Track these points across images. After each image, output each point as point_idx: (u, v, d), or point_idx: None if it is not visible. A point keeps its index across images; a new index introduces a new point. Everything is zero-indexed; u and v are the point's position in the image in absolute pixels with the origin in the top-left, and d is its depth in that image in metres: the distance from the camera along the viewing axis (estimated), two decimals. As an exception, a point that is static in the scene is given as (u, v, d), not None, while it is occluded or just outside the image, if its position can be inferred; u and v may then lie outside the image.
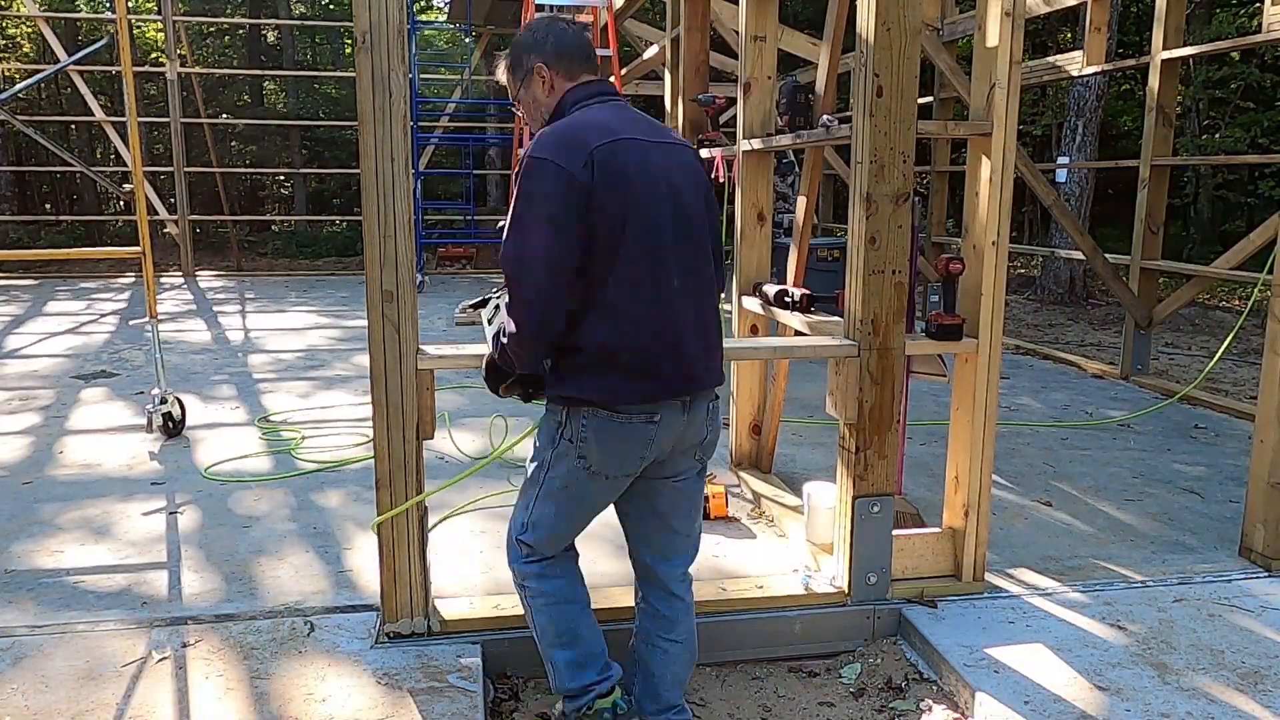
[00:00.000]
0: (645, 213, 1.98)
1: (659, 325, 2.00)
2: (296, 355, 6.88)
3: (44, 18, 11.83)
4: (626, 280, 1.97)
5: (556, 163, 1.93)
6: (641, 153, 2.00)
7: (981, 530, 2.92)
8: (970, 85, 2.88)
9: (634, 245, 1.96)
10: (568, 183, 1.92)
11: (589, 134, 1.97)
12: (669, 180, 2.04)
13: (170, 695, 2.35)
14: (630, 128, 2.03)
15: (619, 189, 1.95)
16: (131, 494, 3.89)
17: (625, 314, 1.98)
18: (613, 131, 1.99)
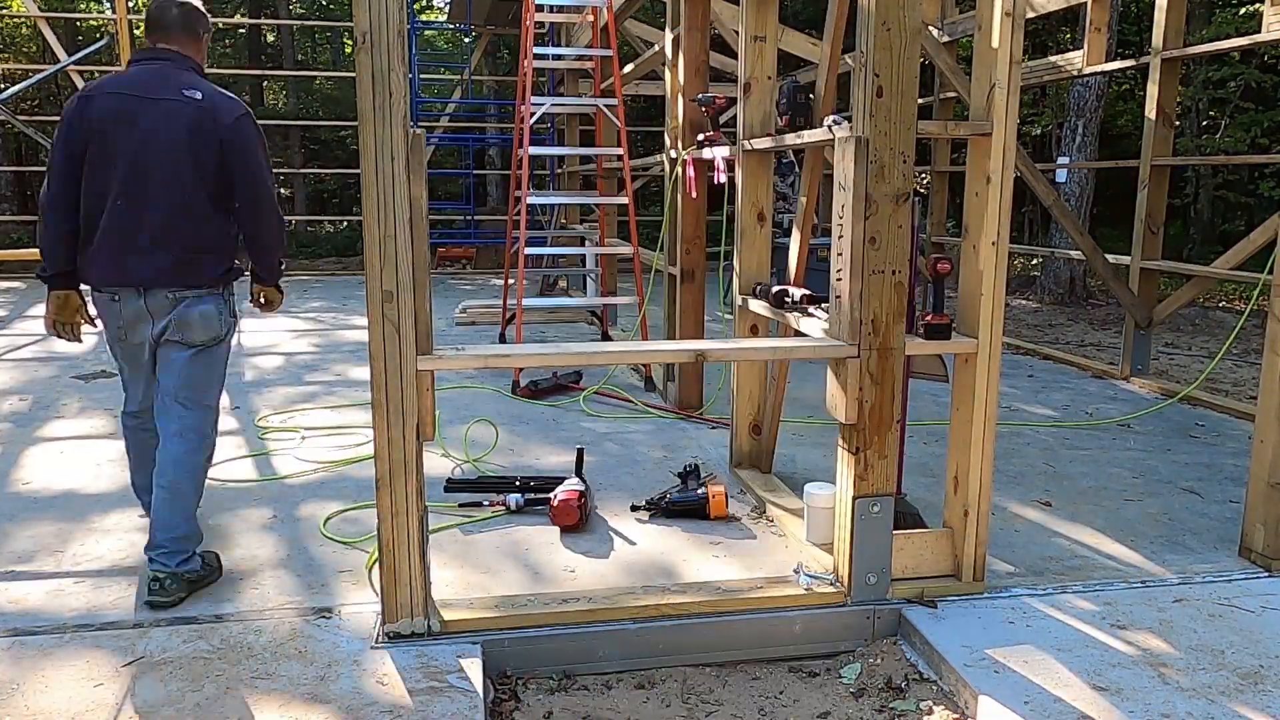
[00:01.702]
0: (105, 146, 2.81)
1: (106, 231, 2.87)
2: (296, 356, 6.88)
3: (44, 17, 11.82)
4: (90, 193, 2.86)
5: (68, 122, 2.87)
6: (120, 103, 2.83)
7: (981, 530, 2.92)
8: (970, 85, 2.88)
9: (93, 169, 2.84)
10: (68, 120, 2.86)
11: (94, 100, 2.86)
12: (141, 126, 2.82)
13: (170, 695, 2.35)
14: (123, 87, 2.86)
15: (91, 129, 2.83)
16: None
17: (90, 218, 2.89)
18: (110, 95, 2.85)
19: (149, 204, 2.83)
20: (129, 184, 2.82)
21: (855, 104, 2.73)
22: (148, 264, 2.87)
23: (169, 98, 2.84)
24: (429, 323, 2.56)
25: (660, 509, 3.62)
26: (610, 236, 7.83)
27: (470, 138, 14.47)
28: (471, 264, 13.73)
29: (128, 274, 2.89)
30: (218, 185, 2.89)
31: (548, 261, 8.85)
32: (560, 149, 8.42)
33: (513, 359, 3.47)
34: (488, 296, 9.87)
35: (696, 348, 2.83)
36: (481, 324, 8.07)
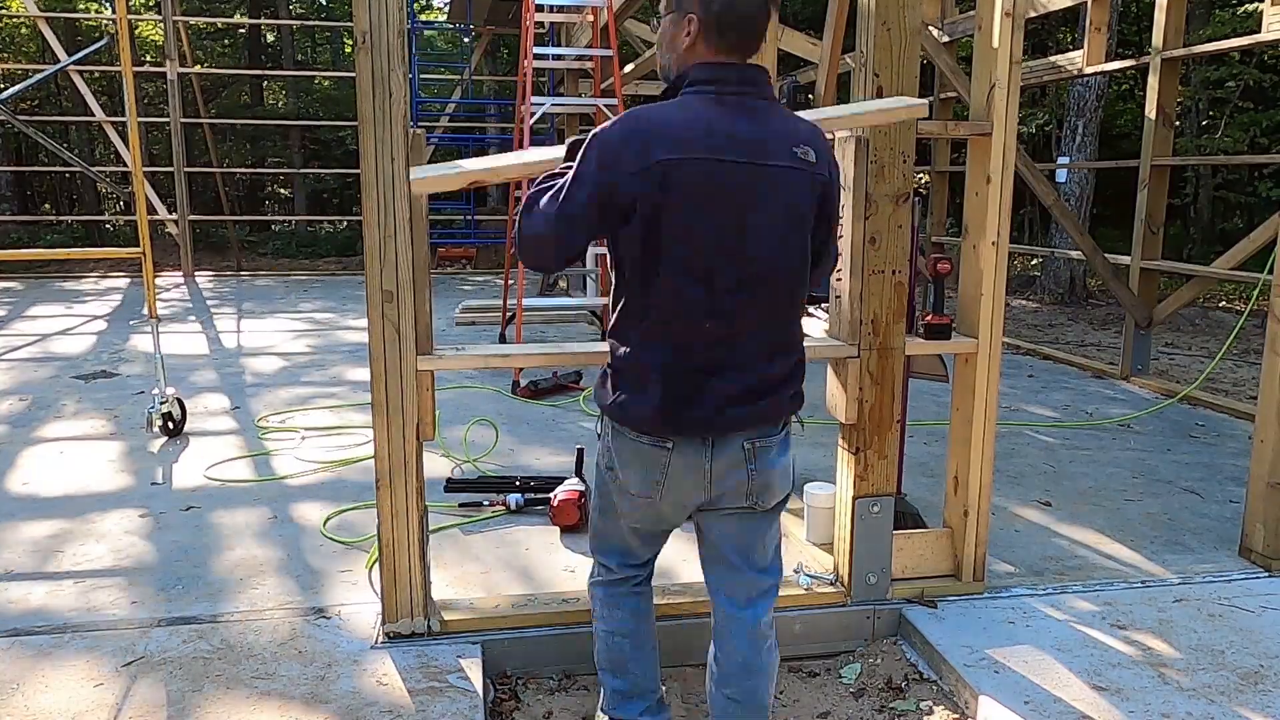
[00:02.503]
0: (693, 239, 1.78)
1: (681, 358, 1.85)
2: (296, 356, 6.88)
3: (44, 17, 11.82)
4: (656, 306, 1.84)
5: (602, 163, 1.79)
6: (711, 173, 1.77)
7: (981, 530, 2.92)
8: (970, 85, 2.88)
9: (669, 270, 1.80)
10: (609, 186, 1.78)
11: (661, 142, 1.76)
12: (741, 205, 1.79)
13: (170, 695, 2.35)
14: (719, 144, 1.77)
15: (667, 207, 1.76)
16: (131, 494, 3.89)
17: (651, 336, 1.86)
18: (692, 145, 1.76)
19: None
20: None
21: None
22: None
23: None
24: (429, 323, 2.56)
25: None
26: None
27: (470, 138, 14.46)
28: (471, 264, 13.72)
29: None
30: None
31: (548, 261, 8.82)
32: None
33: (513, 359, 3.46)
34: (488, 296, 9.86)
35: (696, 348, 2.82)
36: (481, 324, 8.06)
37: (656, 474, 1.92)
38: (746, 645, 2.06)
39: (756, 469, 1.93)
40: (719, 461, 1.90)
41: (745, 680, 2.06)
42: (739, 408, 1.87)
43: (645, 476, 1.93)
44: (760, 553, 2.05)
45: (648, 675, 2.23)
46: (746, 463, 1.92)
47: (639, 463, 1.93)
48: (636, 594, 2.22)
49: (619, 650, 2.21)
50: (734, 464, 1.91)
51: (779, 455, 1.97)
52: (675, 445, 1.88)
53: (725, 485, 1.93)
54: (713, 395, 1.85)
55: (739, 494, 1.94)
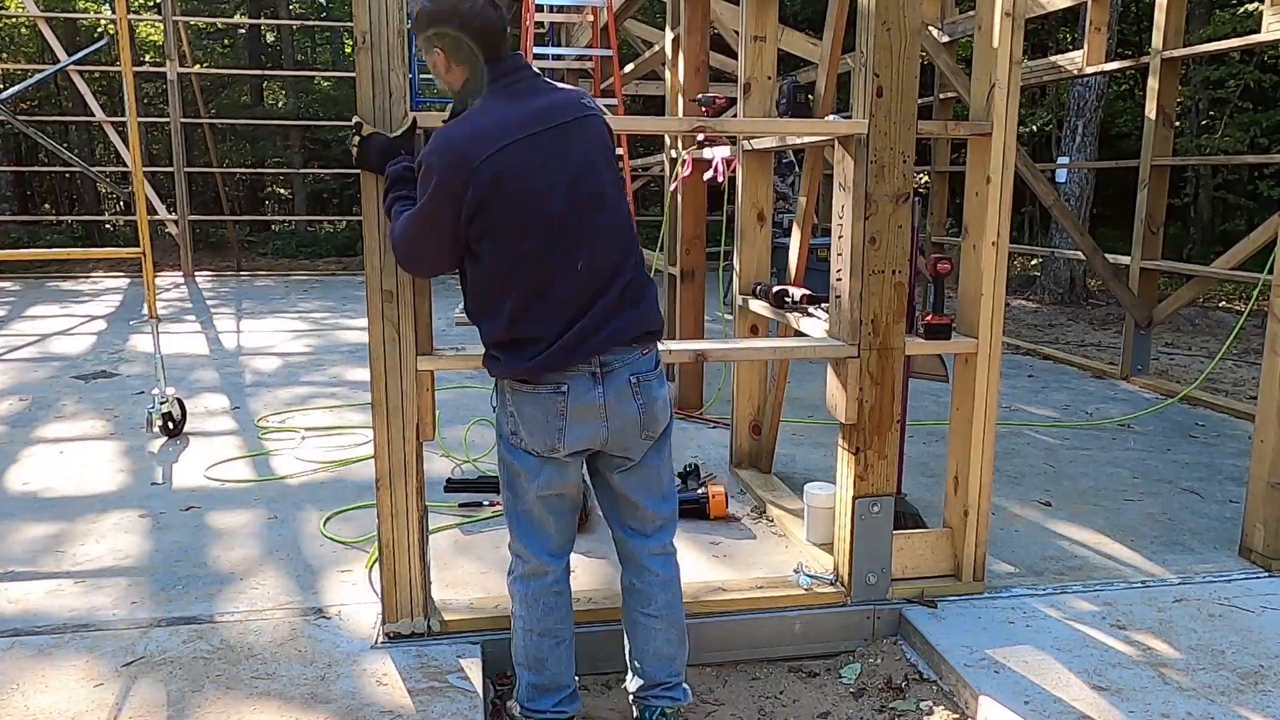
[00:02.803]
0: (537, 211, 2.04)
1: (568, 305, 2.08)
2: (295, 356, 6.88)
3: (44, 17, 11.82)
4: (524, 273, 2.07)
5: (441, 178, 2.03)
6: (535, 148, 2.04)
7: (981, 530, 2.92)
8: (970, 85, 2.88)
9: (531, 239, 2.05)
10: (453, 196, 2.03)
11: (478, 144, 2.02)
12: (563, 166, 2.06)
13: (170, 695, 2.34)
14: (520, 123, 2.04)
15: (508, 198, 2.03)
16: (131, 494, 3.89)
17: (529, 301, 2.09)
18: (505, 132, 2.02)
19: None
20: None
21: (855, 104, 2.73)
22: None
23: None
24: (429, 323, 2.56)
25: (660, 509, 3.61)
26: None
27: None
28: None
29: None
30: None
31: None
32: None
33: (513, 359, 3.46)
34: (488, 296, 9.84)
35: (696, 348, 2.83)
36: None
37: (557, 422, 2.11)
38: (662, 564, 2.33)
39: (644, 402, 2.15)
40: (610, 396, 2.11)
41: (663, 594, 2.31)
42: (611, 324, 2.08)
43: (546, 427, 2.13)
44: (657, 487, 2.29)
45: (563, 670, 2.33)
46: (634, 397, 2.13)
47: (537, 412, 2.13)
48: (555, 593, 2.31)
49: (537, 648, 2.31)
50: (623, 398, 2.12)
51: (658, 387, 2.19)
52: (569, 389, 2.09)
53: (620, 422, 2.13)
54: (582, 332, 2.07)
55: (634, 430, 2.16)
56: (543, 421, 2.12)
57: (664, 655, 2.34)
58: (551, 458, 2.16)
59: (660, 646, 2.33)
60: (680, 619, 2.36)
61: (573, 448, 2.14)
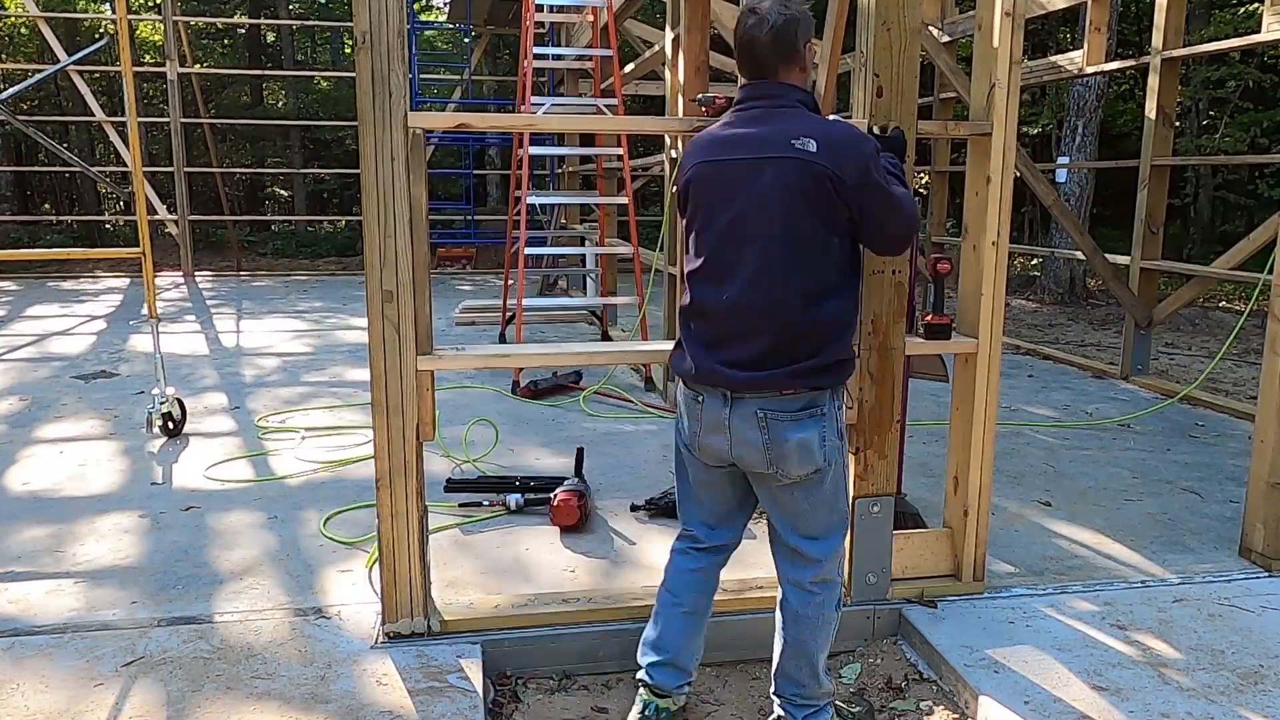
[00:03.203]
0: (705, 224, 2.18)
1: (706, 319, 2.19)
2: (295, 356, 6.88)
3: (44, 18, 11.82)
4: (692, 279, 2.22)
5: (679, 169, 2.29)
6: (720, 172, 2.17)
7: (981, 530, 2.92)
8: (970, 85, 2.88)
9: (701, 244, 2.20)
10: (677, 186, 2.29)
11: (691, 152, 2.24)
12: (742, 196, 2.13)
13: (170, 695, 2.35)
14: (727, 147, 2.16)
15: (695, 198, 2.20)
16: (131, 494, 3.90)
17: (689, 304, 2.23)
18: (709, 150, 2.20)
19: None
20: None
21: (855, 104, 2.73)
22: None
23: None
24: (429, 323, 2.56)
25: (660, 509, 3.62)
26: (610, 236, 7.83)
27: (470, 138, 14.46)
28: (471, 264, 13.72)
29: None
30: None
31: (548, 261, 8.85)
32: (560, 149, 8.42)
33: (513, 359, 3.47)
34: (488, 296, 9.87)
35: (696, 348, 2.82)
36: (481, 324, 8.06)
37: (694, 424, 2.24)
38: (794, 596, 2.33)
39: (770, 438, 2.14)
40: (735, 419, 2.16)
41: (793, 624, 2.32)
42: (742, 372, 2.13)
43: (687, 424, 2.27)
44: (802, 524, 2.30)
45: (673, 634, 2.38)
46: (760, 429, 2.14)
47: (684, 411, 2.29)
48: (690, 556, 2.42)
49: (662, 602, 2.41)
50: (749, 426, 2.15)
51: (793, 430, 2.14)
52: (704, 399, 2.20)
53: (744, 447, 2.18)
54: (721, 359, 2.15)
55: (762, 461, 2.18)
56: (686, 418, 2.27)
57: (790, 677, 2.35)
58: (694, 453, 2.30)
59: (788, 668, 2.35)
60: (813, 659, 2.32)
61: (705, 450, 2.25)
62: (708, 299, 2.17)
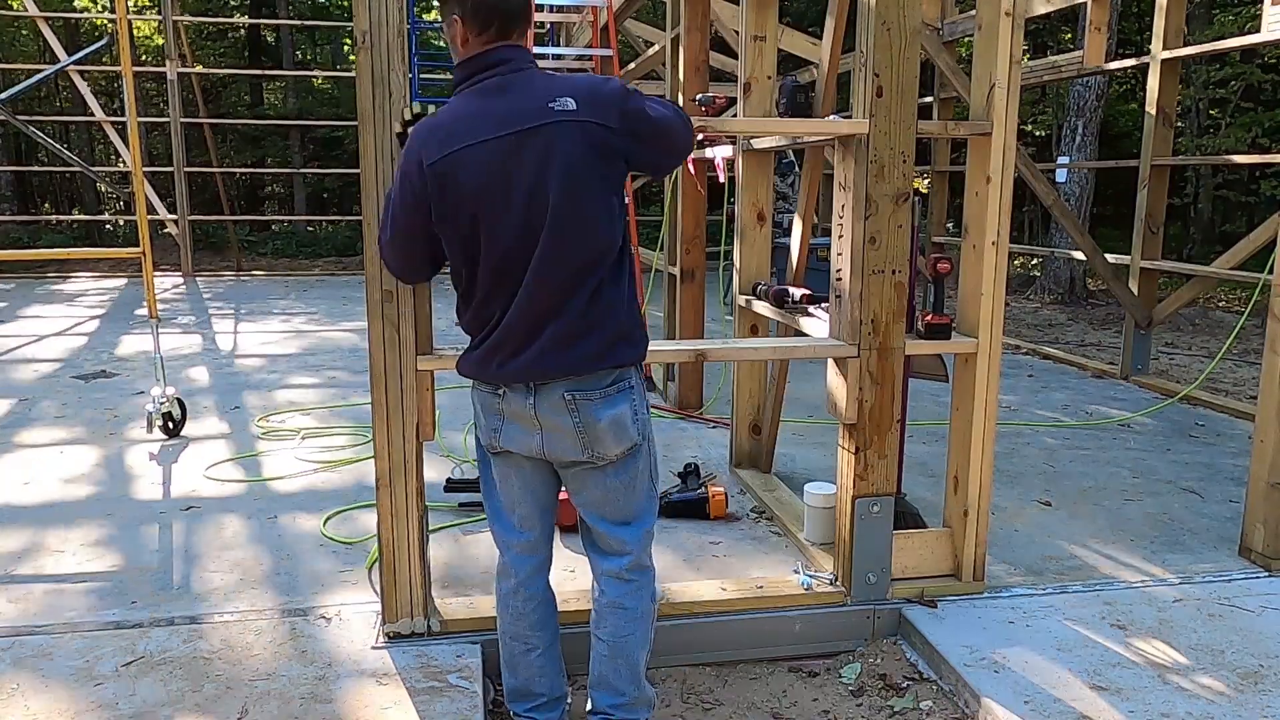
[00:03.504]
0: (486, 221, 1.95)
1: (504, 317, 2.03)
2: (295, 356, 6.88)
3: (44, 17, 11.81)
4: (476, 279, 2.03)
5: (405, 172, 2.01)
6: (482, 155, 1.92)
7: (981, 530, 2.92)
8: (970, 85, 2.88)
9: (479, 252, 1.99)
10: (413, 191, 2.00)
11: (431, 145, 1.96)
12: (519, 177, 1.92)
13: (170, 695, 2.34)
14: (479, 126, 1.93)
15: (455, 202, 1.95)
16: (131, 494, 3.90)
17: (481, 305, 2.07)
18: (457, 138, 1.93)
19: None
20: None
21: (855, 104, 2.73)
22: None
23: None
24: (429, 323, 2.56)
25: (660, 509, 3.61)
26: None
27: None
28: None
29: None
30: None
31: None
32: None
33: (513, 359, 3.46)
34: (488, 296, 9.85)
35: (696, 348, 2.83)
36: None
37: (495, 420, 2.11)
38: (611, 587, 2.21)
39: (581, 421, 2.03)
40: (543, 408, 2.04)
41: (611, 618, 2.20)
42: (546, 358, 1.99)
43: (486, 424, 2.14)
44: (613, 509, 2.16)
45: (534, 676, 2.30)
46: (570, 413, 2.03)
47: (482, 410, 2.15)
48: (529, 600, 2.27)
49: (509, 651, 2.31)
50: (557, 412, 2.03)
51: (603, 408, 2.03)
52: (505, 394, 2.07)
53: (555, 435, 2.06)
54: (523, 348, 2.00)
55: (574, 446, 2.06)
56: (484, 418, 2.15)
57: (608, 684, 2.22)
58: (497, 453, 2.17)
59: (604, 672, 2.22)
60: (633, 657, 2.20)
61: (509, 447, 2.12)
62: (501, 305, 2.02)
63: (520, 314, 1.99)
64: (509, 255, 1.96)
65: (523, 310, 1.99)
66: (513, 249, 1.96)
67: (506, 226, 1.94)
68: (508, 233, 1.95)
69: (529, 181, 1.92)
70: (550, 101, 1.92)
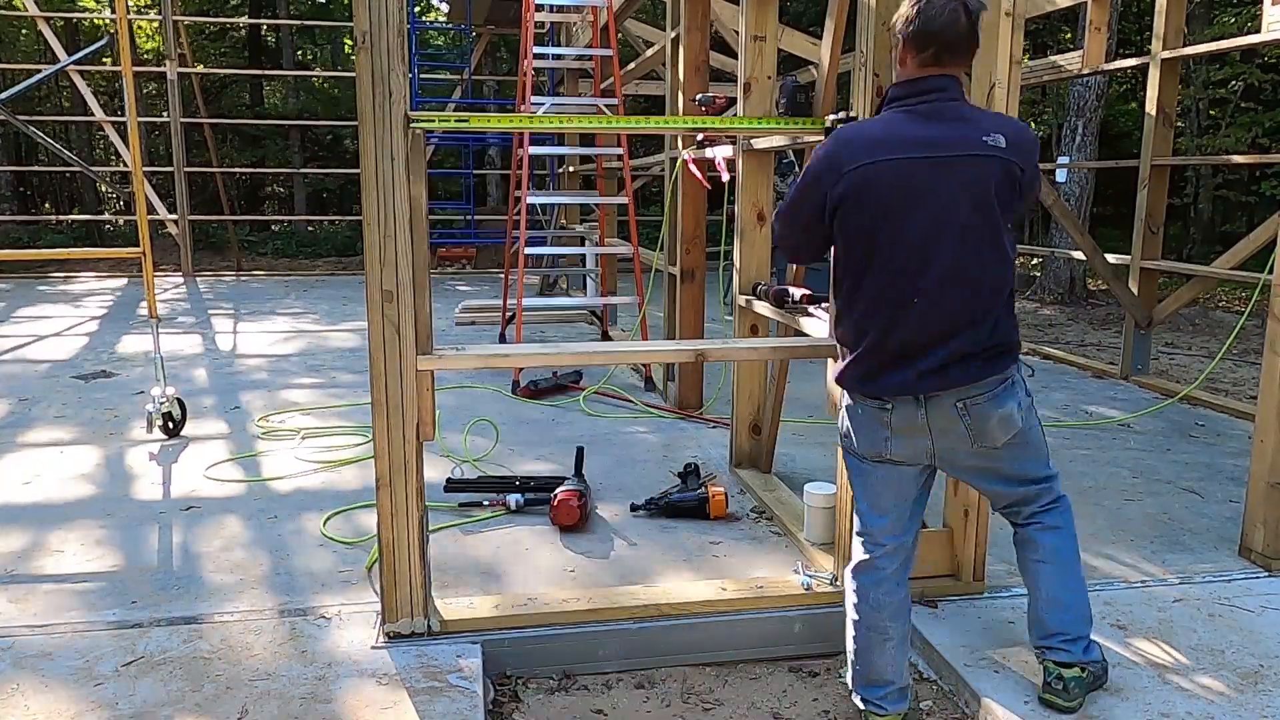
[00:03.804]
0: (890, 231, 2.11)
1: (891, 330, 2.15)
2: (295, 356, 6.88)
3: (44, 17, 11.81)
4: (866, 289, 2.17)
5: (817, 173, 2.19)
6: (903, 173, 2.09)
7: (981, 530, 2.92)
8: (970, 85, 2.88)
9: (875, 260, 2.14)
10: (820, 192, 2.18)
11: (856, 151, 2.13)
12: (932, 197, 2.09)
13: (170, 695, 2.35)
14: (907, 145, 2.10)
15: (865, 209, 2.12)
16: (131, 494, 3.90)
17: (864, 316, 2.19)
18: (884, 148, 2.11)
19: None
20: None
21: (855, 104, 2.73)
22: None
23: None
24: (429, 323, 2.56)
25: (660, 509, 3.62)
26: (610, 236, 7.83)
27: (470, 138, 14.46)
28: (471, 264, 13.72)
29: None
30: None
31: (548, 261, 8.85)
32: (560, 149, 8.42)
33: (513, 359, 3.47)
34: (488, 296, 9.87)
35: (696, 348, 2.83)
36: (481, 324, 8.06)
37: (883, 432, 2.22)
38: (1047, 519, 2.37)
39: (972, 421, 2.17)
40: (934, 417, 2.18)
41: (1050, 539, 2.35)
42: (933, 378, 2.14)
43: (873, 435, 2.25)
44: (1016, 474, 2.31)
45: (890, 667, 2.34)
46: (961, 417, 2.17)
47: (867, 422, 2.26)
48: (888, 575, 2.33)
49: (864, 640, 2.35)
50: (950, 418, 2.18)
51: (994, 407, 2.18)
52: (894, 406, 2.19)
53: (946, 439, 2.20)
54: (912, 367, 2.14)
55: (966, 442, 2.20)
56: (870, 432, 2.25)
57: (1058, 600, 2.33)
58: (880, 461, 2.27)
59: (1053, 590, 2.33)
60: (1075, 566, 2.35)
61: (899, 458, 2.24)
62: (901, 305, 2.13)
63: (917, 335, 2.16)
64: (905, 271, 2.12)
65: (919, 332, 2.16)
66: (909, 267, 2.12)
67: (907, 239, 2.11)
68: (905, 247, 2.11)
69: (940, 205, 2.09)
70: (984, 136, 2.11)
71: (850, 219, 2.15)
